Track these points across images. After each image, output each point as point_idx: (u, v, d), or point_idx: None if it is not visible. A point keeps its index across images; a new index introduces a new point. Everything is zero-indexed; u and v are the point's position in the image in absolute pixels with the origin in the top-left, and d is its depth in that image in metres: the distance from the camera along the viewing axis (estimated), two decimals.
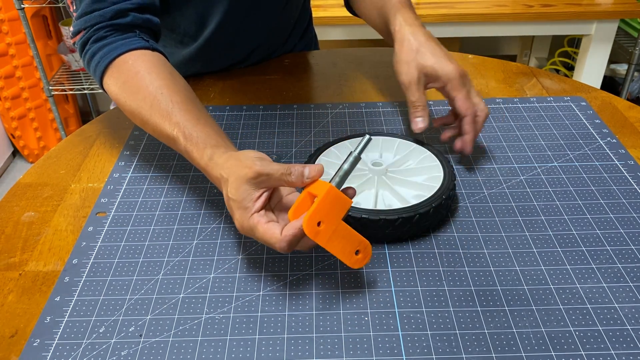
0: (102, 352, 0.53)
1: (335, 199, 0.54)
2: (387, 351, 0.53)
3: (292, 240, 0.54)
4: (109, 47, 0.70)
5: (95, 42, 0.71)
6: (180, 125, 0.63)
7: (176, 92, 0.66)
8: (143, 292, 0.59)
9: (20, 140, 2.37)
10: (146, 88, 0.66)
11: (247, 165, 0.55)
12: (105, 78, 0.71)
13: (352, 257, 0.55)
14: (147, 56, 0.70)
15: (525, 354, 0.52)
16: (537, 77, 0.98)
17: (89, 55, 0.72)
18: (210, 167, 0.60)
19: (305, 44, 1.13)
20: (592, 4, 1.91)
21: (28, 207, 0.72)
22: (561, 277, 0.60)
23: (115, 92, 0.70)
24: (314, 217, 0.53)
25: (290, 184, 0.56)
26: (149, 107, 0.65)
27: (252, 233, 0.55)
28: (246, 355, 0.53)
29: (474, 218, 0.67)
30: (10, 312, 0.58)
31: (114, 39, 0.71)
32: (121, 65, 0.69)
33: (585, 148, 0.79)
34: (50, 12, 2.35)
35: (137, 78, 0.67)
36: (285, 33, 1.06)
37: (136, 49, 0.70)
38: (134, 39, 0.72)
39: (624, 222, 0.66)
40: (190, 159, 0.63)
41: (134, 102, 0.67)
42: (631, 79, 2.16)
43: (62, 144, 0.84)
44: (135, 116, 0.68)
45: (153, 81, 0.67)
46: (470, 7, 1.89)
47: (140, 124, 0.68)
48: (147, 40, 0.73)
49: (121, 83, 0.69)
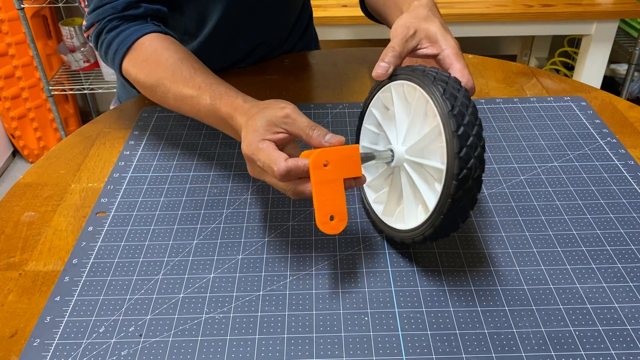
0: (102, 352, 0.53)
1: (352, 157, 0.56)
2: (387, 351, 0.53)
3: (292, 170, 0.54)
4: (124, 34, 0.74)
5: (109, 32, 0.75)
6: (205, 85, 0.67)
7: (195, 61, 0.71)
8: (143, 292, 0.59)
9: (20, 140, 2.37)
10: (166, 61, 0.71)
11: (280, 106, 0.58)
12: (124, 63, 0.75)
13: (325, 218, 0.55)
14: (162, 37, 0.75)
15: (525, 354, 0.52)
16: (537, 77, 0.98)
17: (105, 44, 0.76)
18: (239, 111, 0.62)
19: (305, 44, 1.13)
20: (592, 4, 1.90)
21: (28, 207, 0.72)
22: (561, 277, 0.60)
23: (134, 73, 0.73)
24: (324, 153, 0.54)
25: (309, 138, 0.57)
26: (170, 76, 0.69)
27: (256, 154, 0.56)
28: (246, 355, 0.53)
29: (474, 218, 0.67)
30: (10, 312, 0.58)
31: (127, 26, 0.75)
32: (138, 47, 0.74)
33: (585, 148, 0.79)
34: (50, 12, 2.35)
35: (156, 54, 0.72)
36: (285, 32, 1.06)
37: (150, 33, 0.75)
38: (146, 24, 0.76)
39: (624, 222, 0.66)
40: (214, 113, 0.65)
41: (154, 75, 0.71)
42: (631, 79, 2.16)
43: (62, 144, 0.84)
44: (156, 90, 0.71)
45: (172, 54, 0.71)
46: (470, 7, 1.89)
47: (162, 96, 0.71)
48: (159, 25, 0.77)
49: (140, 62, 0.73)
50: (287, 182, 0.55)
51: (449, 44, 0.63)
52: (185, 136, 0.84)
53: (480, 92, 0.94)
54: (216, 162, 0.78)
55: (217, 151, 0.80)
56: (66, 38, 2.24)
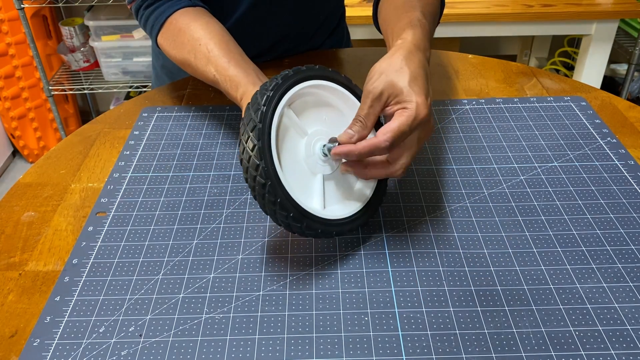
0: (102, 352, 0.53)
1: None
2: (387, 351, 0.53)
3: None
4: (158, 11, 0.83)
5: (147, 8, 0.84)
6: (218, 69, 0.74)
7: (211, 39, 0.77)
8: (143, 292, 0.59)
9: (20, 140, 2.37)
10: (188, 42, 0.78)
11: None
12: (158, 39, 0.84)
13: None
14: (190, 12, 0.81)
15: (525, 354, 0.52)
16: (537, 77, 0.98)
17: (143, 20, 0.85)
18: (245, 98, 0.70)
19: (336, 41, 1.12)
20: (592, 4, 1.90)
21: (28, 207, 0.72)
22: (561, 277, 0.60)
23: (167, 49, 0.83)
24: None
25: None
26: (193, 57, 0.78)
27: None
28: (246, 355, 0.53)
29: (474, 218, 0.67)
30: (10, 312, 0.58)
31: (162, 2, 0.83)
32: (169, 25, 0.82)
33: (585, 148, 0.79)
34: (50, 12, 2.35)
35: (181, 34, 0.80)
36: (313, 27, 1.05)
37: (180, 9, 0.82)
38: (180, 0, 0.83)
39: (624, 222, 0.66)
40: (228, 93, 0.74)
41: (181, 54, 0.80)
42: (631, 79, 2.16)
43: (62, 144, 0.84)
44: (184, 65, 0.81)
45: (193, 34, 0.78)
46: (470, 7, 1.89)
47: (191, 72, 0.80)
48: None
49: (170, 41, 0.81)
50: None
51: (412, 102, 0.58)
52: (185, 136, 0.84)
53: (480, 92, 0.94)
54: (216, 162, 0.78)
55: (217, 151, 0.80)
56: (66, 38, 2.24)
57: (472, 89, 0.95)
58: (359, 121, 0.60)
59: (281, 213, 0.57)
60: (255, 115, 0.57)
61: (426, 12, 0.72)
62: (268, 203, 0.57)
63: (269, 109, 0.58)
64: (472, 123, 0.85)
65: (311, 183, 0.62)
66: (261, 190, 0.56)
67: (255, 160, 0.56)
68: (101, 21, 2.14)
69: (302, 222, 0.58)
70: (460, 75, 0.99)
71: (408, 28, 0.66)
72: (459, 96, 0.93)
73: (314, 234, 0.60)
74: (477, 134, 0.82)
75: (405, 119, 0.58)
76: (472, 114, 0.87)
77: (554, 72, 1.25)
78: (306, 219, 0.58)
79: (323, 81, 0.64)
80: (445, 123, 0.85)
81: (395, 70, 0.60)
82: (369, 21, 1.07)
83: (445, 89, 0.95)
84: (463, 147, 0.80)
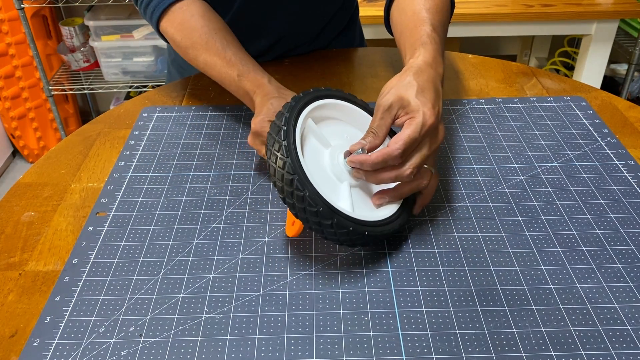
0: (102, 352, 0.53)
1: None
2: (387, 351, 0.53)
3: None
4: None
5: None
6: (235, 59, 0.77)
7: (228, 33, 0.80)
8: (143, 292, 0.59)
9: (20, 140, 2.37)
10: (201, 28, 0.79)
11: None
12: (161, 23, 0.83)
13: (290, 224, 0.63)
14: (198, 3, 0.82)
15: (525, 354, 0.52)
16: (537, 77, 0.98)
17: (144, 4, 0.84)
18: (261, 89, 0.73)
19: (345, 43, 1.10)
20: (592, 4, 1.91)
21: (28, 207, 0.72)
22: (561, 277, 0.60)
23: (172, 33, 0.82)
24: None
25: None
26: (204, 44, 0.79)
27: (262, 130, 0.69)
28: (246, 355, 0.53)
29: (474, 218, 0.67)
30: (10, 312, 0.58)
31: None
32: (176, 10, 0.82)
33: (585, 148, 0.79)
34: (50, 12, 2.35)
35: (192, 20, 0.80)
36: (317, 27, 1.04)
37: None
38: None
39: (624, 222, 0.66)
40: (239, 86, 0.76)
41: (189, 39, 0.80)
42: (631, 79, 2.16)
43: (62, 144, 0.84)
44: (188, 51, 0.81)
45: (207, 23, 0.80)
46: (470, 7, 1.89)
47: (192, 57, 0.81)
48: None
49: (177, 24, 0.81)
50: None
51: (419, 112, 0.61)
52: (185, 136, 0.84)
53: (480, 92, 0.94)
54: (216, 162, 0.78)
55: (217, 151, 0.80)
56: (66, 38, 2.24)
57: (472, 89, 0.95)
58: (371, 132, 0.63)
59: (310, 210, 0.57)
60: (278, 120, 0.61)
61: (436, 22, 0.73)
62: (297, 199, 0.57)
63: (292, 114, 0.62)
64: (472, 123, 0.85)
65: (338, 188, 0.63)
66: (289, 188, 0.57)
67: (282, 158, 0.58)
68: (101, 21, 2.14)
69: (332, 218, 0.57)
70: (460, 75, 0.99)
71: (419, 46, 0.69)
72: (459, 96, 0.93)
73: (345, 233, 0.59)
74: (477, 134, 0.82)
75: (414, 127, 0.60)
76: (472, 114, 0.87)
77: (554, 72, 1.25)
78: (336, 215, 0.58)
79: (342, 101, 0.69)
80: (446, 123, 0.85)
81: (404, 85, 0.64)
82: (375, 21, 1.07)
83: (445, 89, 0.95)
84: (463, 147, 0.80)
